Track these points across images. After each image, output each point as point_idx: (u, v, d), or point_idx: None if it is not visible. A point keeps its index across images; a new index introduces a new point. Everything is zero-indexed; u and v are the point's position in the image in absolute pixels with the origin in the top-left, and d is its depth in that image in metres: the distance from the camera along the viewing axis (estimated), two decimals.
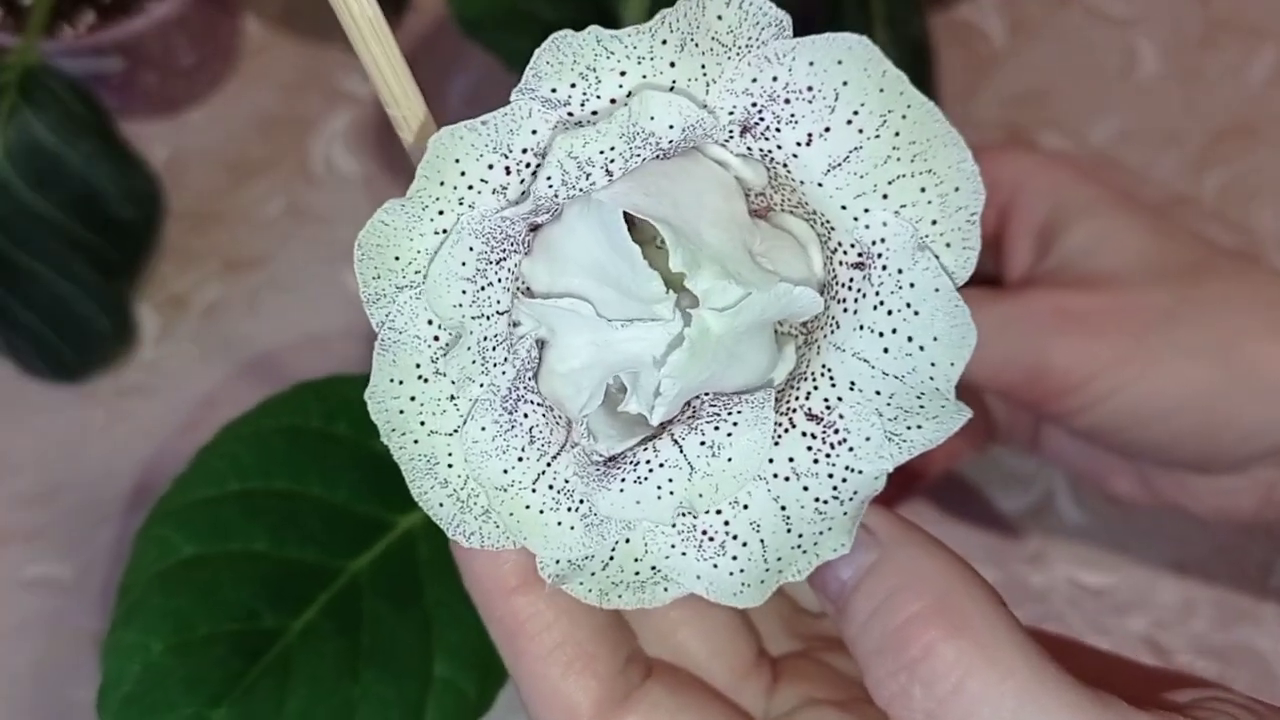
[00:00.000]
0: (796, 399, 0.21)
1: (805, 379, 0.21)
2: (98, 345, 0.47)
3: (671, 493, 0.20)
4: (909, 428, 0.20)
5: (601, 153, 0.19)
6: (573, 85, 0.19)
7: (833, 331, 0.20)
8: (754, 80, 0.19)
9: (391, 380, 0.20)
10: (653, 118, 0.19)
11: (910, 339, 0.19)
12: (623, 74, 0.19)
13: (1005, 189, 0.36)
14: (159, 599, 0.26)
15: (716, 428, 0.20)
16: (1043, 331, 0.31)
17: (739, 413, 0.20)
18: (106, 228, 0.44)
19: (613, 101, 0.19)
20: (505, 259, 0.20)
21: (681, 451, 0.21)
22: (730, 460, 0.20)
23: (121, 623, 0.26)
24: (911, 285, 0.19)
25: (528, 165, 0.20)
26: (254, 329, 0.49)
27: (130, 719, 0.25)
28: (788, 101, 0.19)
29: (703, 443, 0.20)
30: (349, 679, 0.27)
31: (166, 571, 0.26)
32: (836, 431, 0.20)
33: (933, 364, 0.19)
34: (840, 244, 0.20)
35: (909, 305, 0.19)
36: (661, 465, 0.21)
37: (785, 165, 0.20)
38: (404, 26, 0.55)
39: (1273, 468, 0.33)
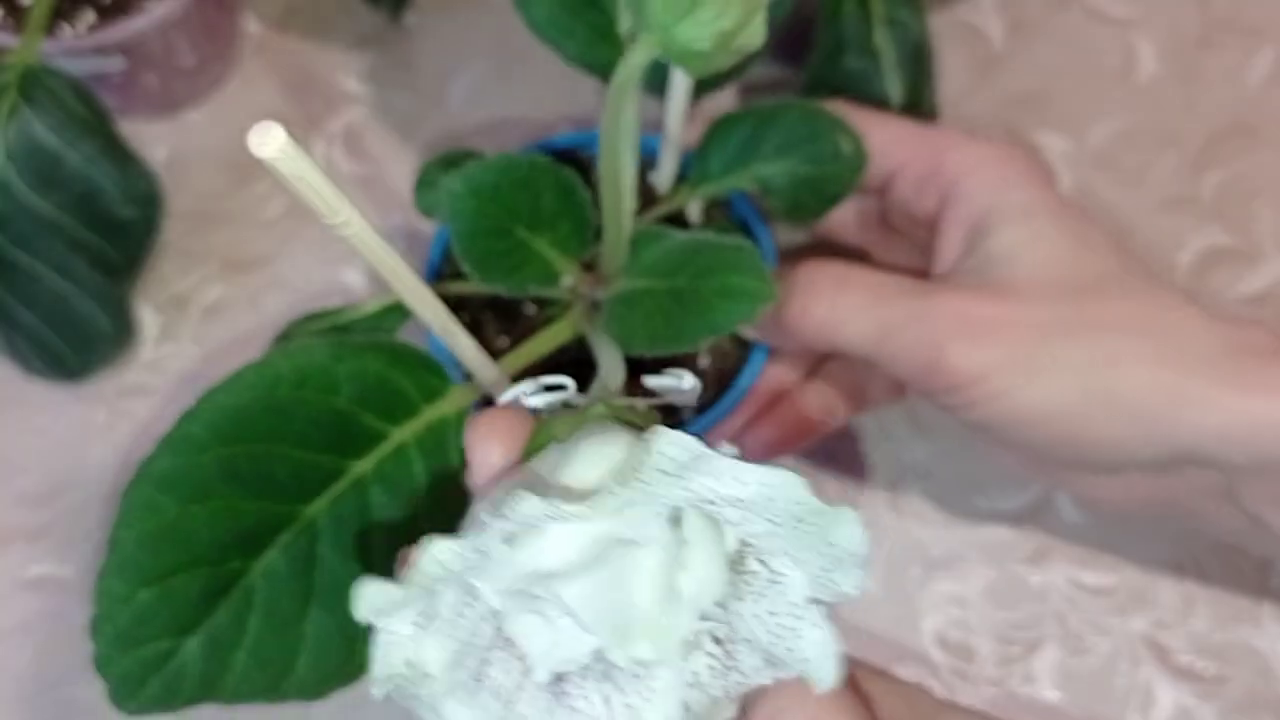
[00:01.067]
0: (706, 628, 0.26)
1: (718, 615, 0.26)
2: (98, 345, 0.47)
3: None
4: (784, 669, 0.26)
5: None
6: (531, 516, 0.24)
7: (737, 599, 0.26)
8: (686, 491, 0.24)
9: (387, 671, 0.26)
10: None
11: (790, 648, 0.25)
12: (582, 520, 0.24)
13: (949, 175, 0.37)
14: (145, 554, 0.29)
15: (638, 691, 0.26)
16: (944, 332, 0.33)
17: (654, 679, 0.26)
18: (107, 228, 0.44)
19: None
20: (477, 600, 0.26)
21: (609, 709, 0.26)
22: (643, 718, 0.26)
23: (113, 573, 0.30)
24: (798, 617, 0.25)
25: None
26: (255, 329, 0.49)
27: (120, 653, 0.30)
28: (718, 504, 0.24)
29: (626, 705, 0.26)
30: (301, 615, 0.31)
31: (154, 530, 0.30)
32: (732, 659, 0.26)
33: (805, 659, 0.25)
34: (751, 551, 0.26)
35: (796, 629, 0.25)
36: (592, 718, 0.26)
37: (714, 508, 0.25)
38: (403, 28, 0.55)
39: (1145, 475, 0.35)
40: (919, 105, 0.46)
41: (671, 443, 0.23)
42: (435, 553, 0.24)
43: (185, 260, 0.51)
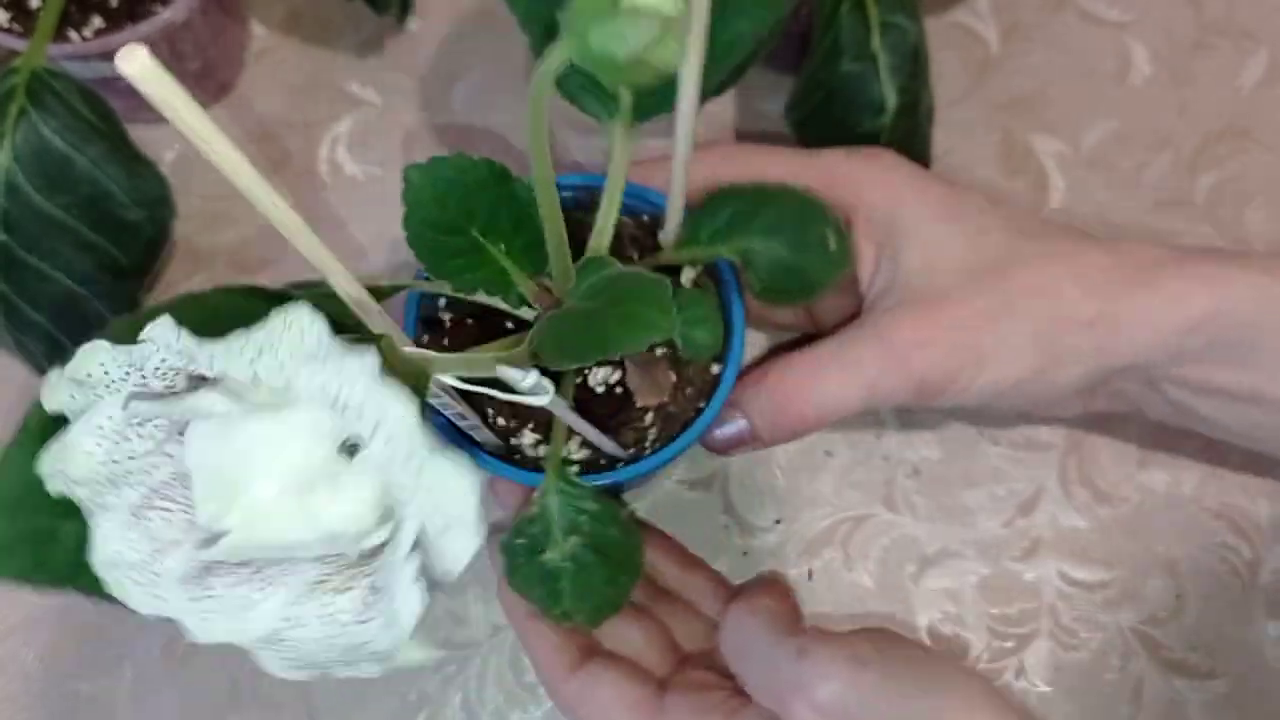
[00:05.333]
0: (371, 572, 0.27)
1: (378, 558, 0.27)
2: None
3: (210, 620, 0.27)
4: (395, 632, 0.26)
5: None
6: (185, 348, 0.26)
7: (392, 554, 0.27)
8: (328, 382, 0.25)
9: (51, 467, 0.27)
10: (210, 409, 0.26)
11: (389, 600, 0.26)
12: (212, 356, 0.25)
13: (846, 200, 0.41)
14: (49, 434, 0.29)
15: (261, 589, 0.27)
16: (909, 360, 0.38)
17: (281, 588, 0.27)
18: (115, 229, 0.45)
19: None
20: (147, 421, 0.27)
21: (229, 595, 0.27)
22: (249, 618, 0.27)
23: (16, 445, 0.30)
24: (398, 572, 0.26)
25: (151, 384, 0.27)
26: None
27: (4, 516, 0.30)
28: (354, 411, 0.25)
29: (245, 596, 0.27)
30: None
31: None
32: (371, 610, 0.27)
33: (399, 617, 0.26)
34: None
35: (395, 584, 0.26)
36: (214, 598, 0.27)
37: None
38: (407, 33, 0.56)
39: (1084, 397, 0.42)
40: (915, 108, 0.46)
41: (309, 325, 0.24)
42: (100, 355, 0.25)
43: (192, 261, 0.52)
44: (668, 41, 0.24)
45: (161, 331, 0.25)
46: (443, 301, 0.40)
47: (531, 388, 0.32)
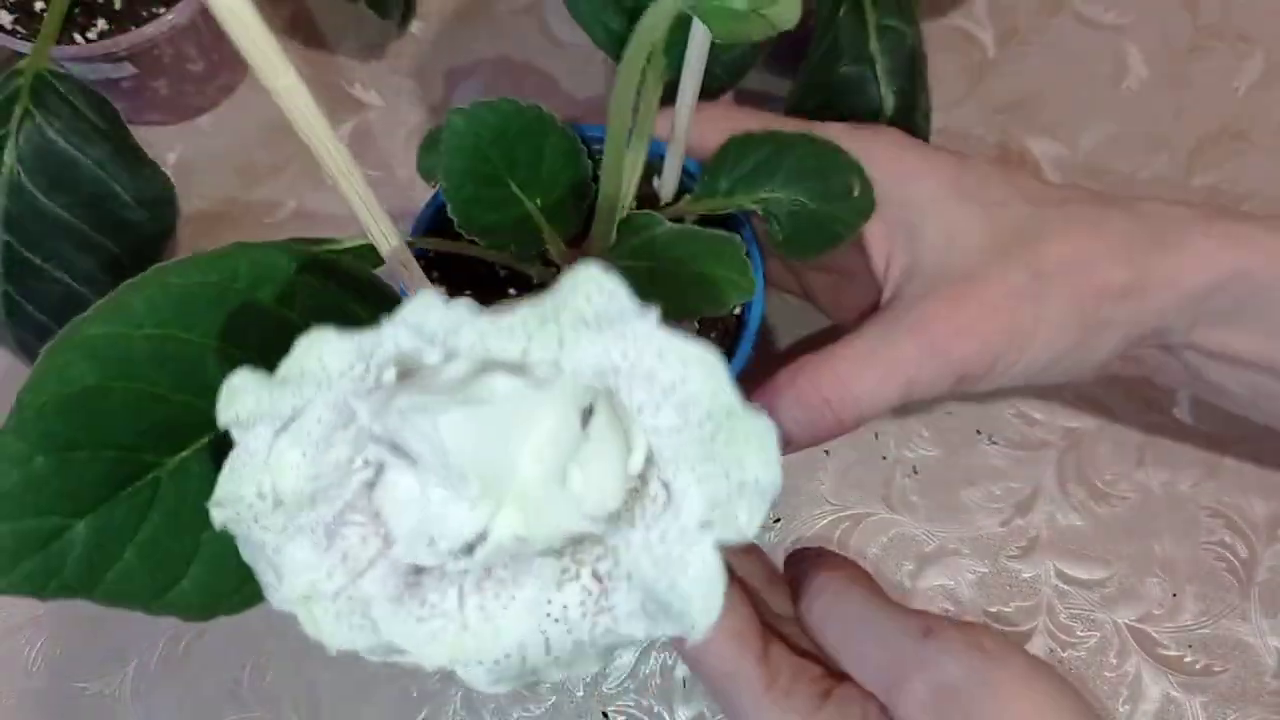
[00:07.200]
0: (590, 557, 0.24)
1: (601, 545, 0.24)
2: None
3: (441, 639, 0.24)
4: (660, 620, 0.23)
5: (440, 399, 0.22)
6: (439, 329, 0.23)
7: (630, 526, 0.24)
8: (604, 353, 0.22)
9: (236, 490, 0.24)
10: (495, 390, 0.22)
11: (675, 578, 0.23)
12: (481, 334, 0.22)
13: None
14: (52, 418, 0.27)
15: (497, 596, 0.24)
16: (950, 349, 0.37)
17: (520, 589, 0.24)
18: (118, 230, 0.45)
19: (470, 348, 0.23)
20: (351, 424, 0.24)
21: (461, 609, 0.24)
22: (498, 629, 0.24)
23: (11, 431, 0.26)
24: (690, 541, 0.23)
25: (383, 376, 0.23)
26: None
27: (1, 518, 0.27)
28: (630, 378, 0.22)
29: (480, 607, 0.24)
30: (204, 522, 0.28)
31: (65, 395, 0.27)
32: (608, 598, 0.24)
33: (685, 602, 0.23)
34: (656, 472, 0.24)
35: (683, 558, 0.23)
36: (442, 614, 0.24)
37: (623, 397, 0.23)
38: (408, 35, 0.56)
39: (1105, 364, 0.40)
40: (912, 111, 0.46)
41: (599, 287, 0.22)
42: (321, 347, 0.22)
43: None
44: None
45: (421, 308, 0.22)
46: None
47: None
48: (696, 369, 0.22)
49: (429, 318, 0.22)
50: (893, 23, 0.46)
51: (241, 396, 0.23)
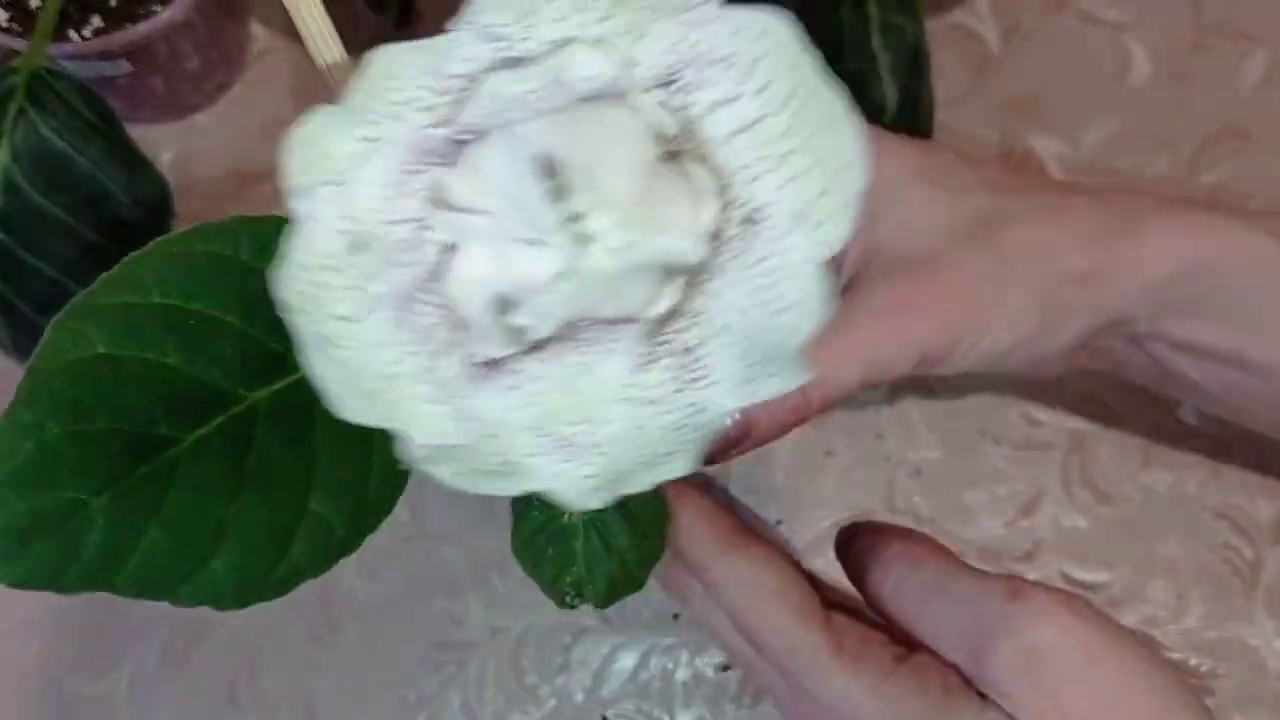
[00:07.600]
0: (672, 332, 0.23)
1: (683, 315, 0.23)
2: None
3: (537, 405, 0.23)
4: (759, 377, 0.22)
5: (525, 93, 0.21)
6: (512, 23, 0.21)
7: (715, 278, 0.22)
8: (677, 41, 0.21)
9: (302, 265, 0.23)
10: (577, 70, 0.21)
11: (777, 299, 0.22)
12: (559, 20, 0.21)
13: None
14: (64, 386, 0.26)
15: (587, 352, 0.23)
16: (910, 330, 0.37)
17: (612, 342, 0.23)
18: (114, 229, 0.45)
19: (547, 42, 0.21)
20: (425, 171, 0.22)
21: (553, 369, 0.23)
22: (594, 384, 0.23)
23: (22, 402, 0.25)
24: (786, 252, 0.22)
25: (459, 89, 0.22)
26: None
27: (15, 493, 0.25)
28: (706, 65, 0.21)
29: (573, 364, 0.23)
30: (228, 497, 0.27)
31: (76, 363, 0.26)
32: (702, 367, 0.22)
33: (791, 325, 0.22)
34: (734, 200, 0.22)
35: (781, 269, 0.22)
36: (533, 379, 0.23)
37: (696, 121, 0.22)
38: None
39: (1069, 355, 0.40)
40: (915, 108, 0.46)
41: None
42: (387, 64, 0.21)
43: None
44: None
45: (490, 4, 0.21)
46: None
47: None
48: (773, 39, 0.21)
49: (502, 16, 0.21)
50: (895, 20, 0.46)
51: (317, 142, 0.23)
